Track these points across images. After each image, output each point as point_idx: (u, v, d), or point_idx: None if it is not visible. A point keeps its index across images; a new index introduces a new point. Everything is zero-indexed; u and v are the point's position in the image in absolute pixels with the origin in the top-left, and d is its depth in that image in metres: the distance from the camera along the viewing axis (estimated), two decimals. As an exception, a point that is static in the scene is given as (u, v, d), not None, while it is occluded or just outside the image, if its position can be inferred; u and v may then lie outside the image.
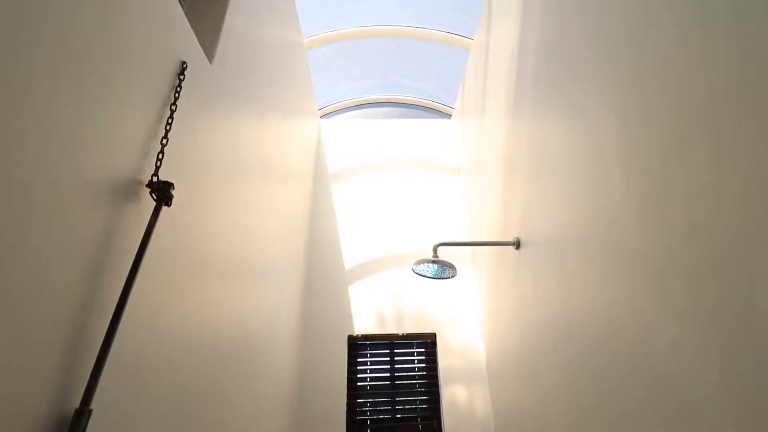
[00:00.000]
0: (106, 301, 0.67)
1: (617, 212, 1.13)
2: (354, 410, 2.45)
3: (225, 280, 1.24)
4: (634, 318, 1.05)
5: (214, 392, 1.13)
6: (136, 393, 0.76)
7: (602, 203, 1.21)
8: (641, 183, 1.03)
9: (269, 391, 1.75)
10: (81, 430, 0.56)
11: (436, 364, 2.60)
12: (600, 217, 1.22)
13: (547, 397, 1.64)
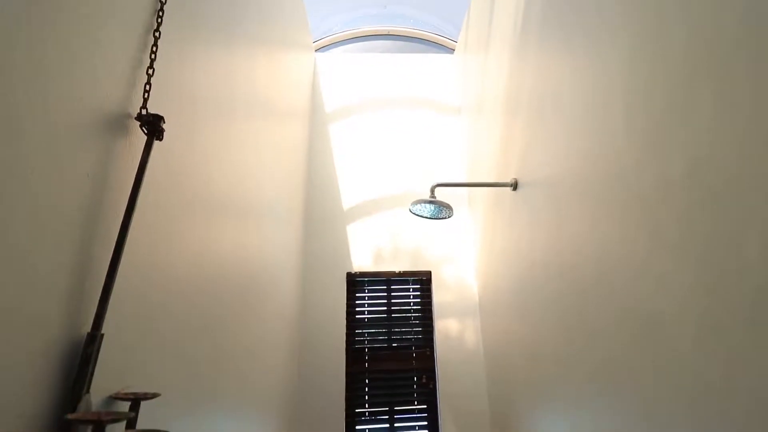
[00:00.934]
0: (107, 235, 0.68)
1: (617, 153, 1.12)
2: (353, 340, 2.62)
3: (224, 217, 1.25)
4: (626, 258, 1.08)
5: (220, 320, 1.20)
6: (145, 319, 0.80)
7: (603, 144, 1.19)
8: (644, 124, 1.01)
9: (272, 321, 1.86)
10: (94, 351, 0.60)
11: (430, 299, 2.73)
12: (599, 158, 1.21)
13: (535, 333, 1.75)
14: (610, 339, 1.15)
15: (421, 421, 2.52)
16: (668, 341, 0.92)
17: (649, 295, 0.99)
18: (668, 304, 0.92)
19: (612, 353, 1.15)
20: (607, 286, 1.17)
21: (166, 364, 0.88)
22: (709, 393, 0.81)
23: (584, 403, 1.33)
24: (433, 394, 2.56)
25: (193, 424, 1.02)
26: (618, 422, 1.15)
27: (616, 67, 1.12)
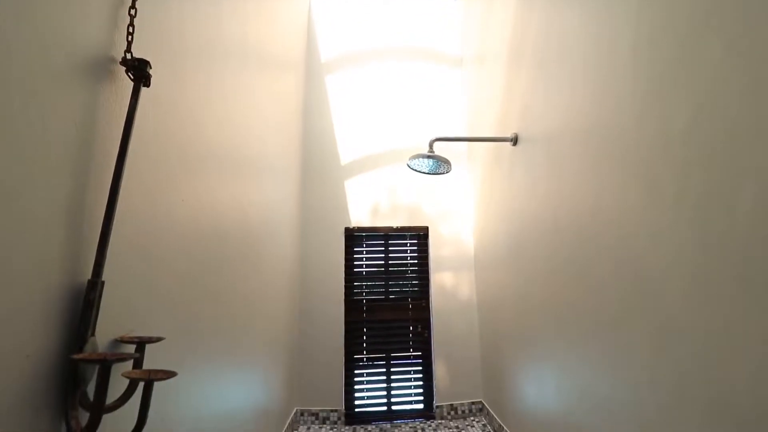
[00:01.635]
0: (100, 184, 0.67)
1: (620, 106, 1.09)
2: (351, 292, 2.70)
3: (220, 170, 1.24)
4: (621, 214, 1.09)
5: (220, 272, 1.22)
6: (146, 269, 0.81)
7: (606, 97, 1.15)
8: (649, 74, 0.98)
9: (272, 273, 1.90)
10: (96, 297, 0.62)
11: (427, 254, 2.78)
12: (601, 113, 1.18)
13: (527, 286, 1.80)
14: (601, 293, 1.19)
15: (416, 367, 2.66)
16: (659, 296, 0.95)
17: (642, 250, 1.01)
18: (661, 259, 0.94)
19: (602, 306, 1.19)
20: (601, 242, 1.19)
21: (168, 313, 0.91)
22: (697, 349, 0.85)
23: (570, 354, 1.40)
24: (427, 342, 2.69)
25: (197, 369, 1.07)
26: (601, 373, 1.21)
27: (623, 16, 1.07)
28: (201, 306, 1.08)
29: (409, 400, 2.62)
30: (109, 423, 0.66)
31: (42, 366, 0.55)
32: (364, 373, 2.63)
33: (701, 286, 0.82)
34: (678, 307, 0.88)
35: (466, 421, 2.52)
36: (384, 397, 2.61)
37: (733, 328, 0.74)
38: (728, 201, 0.76)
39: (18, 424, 0.51)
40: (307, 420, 2.53)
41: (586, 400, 1.30)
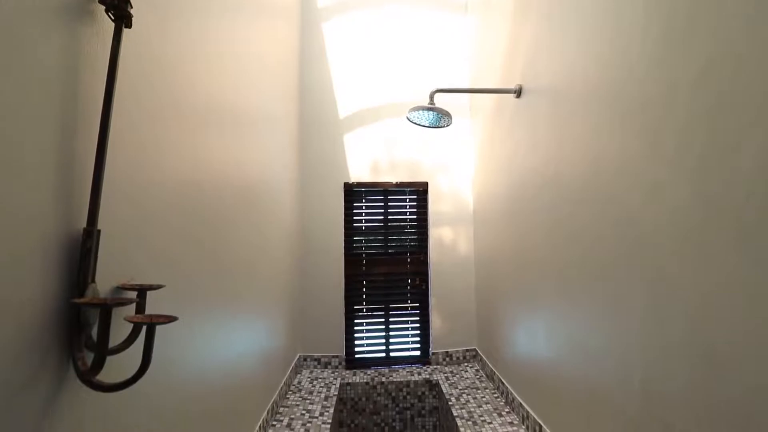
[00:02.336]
0: (88, 132, 0.66)
1: (629, 60, 1.04)
2: (351, 246, 2.74)
3: (213, 122, 1.20)
4: (622, 168, 1.08)
5: (217, 227, 1.23)
6: (142, 220, 0.82)
7: (616, 49, 1.10)
8: (659, 32, 0.92)
9: (272, 228, 1.92)
10: (93, 246, 0.62)
11: (426, 209, 2.79)
12: (610, 64, 1.13)
13: (524, 241, 1.82)
14: (597, 248, 1.20)
15: (413, 317, 2.77)
16: (654, 251, 0.96)
17: (639, 205, 1.00)
18: (657, 214, 0.94)
19: (597, 261, 1.21)
20: (601, 197, 1.18)
21: (166, 265, 0.92)
22: (689, 304, 0.87)
23: (561, 305, 1.44)
24: (425, 294, 2.77)
25: (200, 317, 1.11)
26: (590, 323, 1.26)
27: (644, -52, 0.98)
28: (199, 259, 1.10)
29: (406, 348, 2.76)
30: (115, 364, 0.69)
31: (45, 310, 0.56)
32: (364, 323, 2.74)
33: (696, 242, 0.82)
34: (672, 263, 0.89)
35: (460, 367, 2.66)
36: (383, 345, 2.74)
37: (726, 285, 0.76)
38: (730, 158, 0.74)
39: (27, 363, 0.53)
40: (309, 365, 2.67)
41: (574, 348, 1.36)
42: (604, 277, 1.16)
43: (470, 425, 1.88)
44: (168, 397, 0.93)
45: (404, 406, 2.49)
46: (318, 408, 2.10)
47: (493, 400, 2.14)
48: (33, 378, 0.54)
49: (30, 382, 0.54)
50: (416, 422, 2.49)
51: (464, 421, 1.93)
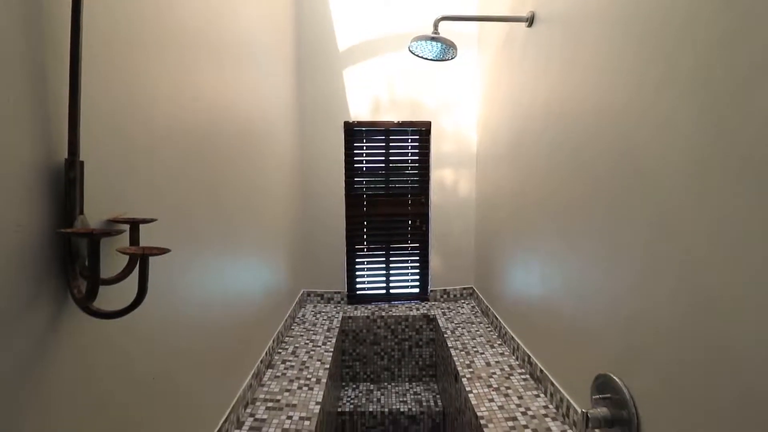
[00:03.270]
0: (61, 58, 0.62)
1: (655, -32, 0.93)
2: (352, 187, 2.73)
3: (204, 56, 1.13)
4: (631, 104, 1.02)
5: (213, 164, 1.21)
6: (131, 153, 0.80)
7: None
8: None
9: (272, 165, 1.90)
10: (77, 176, 0.61)
11: (428, 150, 2.73)
12: (632, -21, 1.02)
13: (526, 181, 1.79)
14: (599, 186, 1.18)
15: (413, 257, 2.83)
16: (658, 189, 0.94)
17: (646, 141, 0.96)
18: (668, 151, 0.90)
19: (598, 200, 1.19)
20: (607, 133, 1.13)
21: (159, 200, 0.91)
22: (691, 245, 0.86)
23: (559, 245, 1.45)
24: (425, 235, 2.81)
25: (199, 253, 1.13)
26: (587, 263, 1.27)
27: None
28: (195, 196, 1.09)
29: (405, 285, 2.86)
30: (113, 295, 0.72)
31: (36, 240, 0.57)
32: (365, 262, 2.82)
33: (703, 180, 0.80)
34: (675, 202, 0.87)
35: (456, 303, 2.78)
36: (383, 283, 2.83)
37: (728, 227, 0.74)
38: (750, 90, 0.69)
39: (23, 291, 0.55)
40: (313, 300, 2.79)
41: (568, 287, 1.39)
42: (604, 217, 1.15)
43: (463, 355, 2.00)
44: (172, 326, 0.97)
45: (402, 338, 2.64)
46: (321, 338, 2.23)
47: (487, 333, 2.25)
48: (32, 302, 0.56)
49: (29, 307, 0.56)
50: (413, 352, 2.65)
51: (458, 351, 2.05)
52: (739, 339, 0.71)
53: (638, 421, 1.00)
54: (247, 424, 1.44)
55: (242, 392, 1.47)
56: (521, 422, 1.43)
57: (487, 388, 1.67)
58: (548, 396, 1.55)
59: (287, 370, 1.85)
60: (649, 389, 0.97)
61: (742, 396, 0.71)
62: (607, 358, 1.15)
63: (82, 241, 0.61)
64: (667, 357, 0.90)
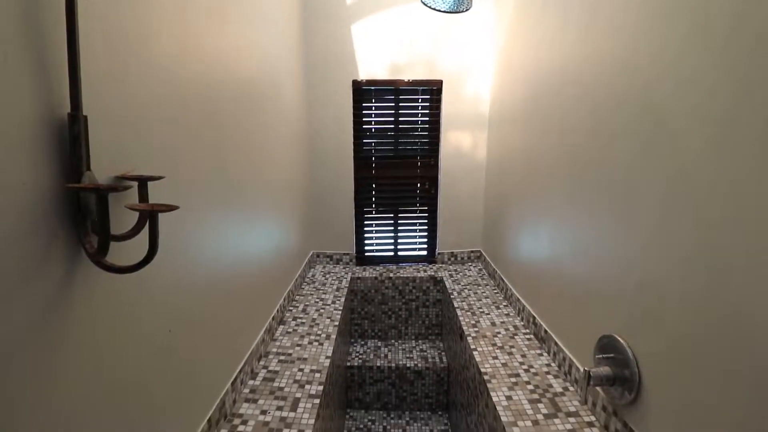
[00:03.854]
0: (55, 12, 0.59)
1: None
2: (360, 149, 2.69)
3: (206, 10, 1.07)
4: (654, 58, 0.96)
5: (218, 123, 1.19)
6: (135, 110, 0.78)
7: None
8: None
9: (278, 124, 1.86)
10: (81, 132, 0.60)
11: (439, 111, 2.64)
12: None
13: (539, 144, 1.73)
14: (615, 146, 1.14)
15: (422, 220, 2.83)
16: (678, 146, 0.90)
17: (667, 96, 0.91)
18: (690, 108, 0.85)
19: (614, 161, 1.15)
20: (625, 93, 1.08)
21: (167, 156, 0.91)
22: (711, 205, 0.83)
23: (569, 209, 1.43)
24: (433, 198, 2.79)
25: (207, 211, 1.14)
26: (600, 226, 1.25)
27: None
28: (201, 155, 1.08)
29: (413, 248, 2.88)
30: (125, 251, 0.73)
31: (45, 196, 0.57)
32: (373, 224, 2.83)
33: (726, 137, 0.76)
34: (696, 158, 0.84)
35: (464, 266, 2.81)
36: (391, 245, 2.86)
37: (745, 189, 0.71)
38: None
39: (36, 246, 0.56)
40: (322, 261, 2.84)
41: (577, 250, 1.39)
42: (620, 178, 1.12)
43: (469, 315, 2.04)
44: (186, 282, 1.00)
45: (410, 299, 2.70)
46: (330, 297, 2.29)
47: (492, 295, 2.28)
48: (46, 257, 0.57)
49: (44, 261, 0.57)
50: (420, 312, 2.72)
51: (464, 311, 2.09)
52: (754, 307, 0.70)
53: (640, 380, 1.03)
54: (260, 375, 1.52)
55: (255, 346, 1.54)
56: (523, 378, 1.48)
57: (492, 347, 1.72)
58: (551, 355, 1.59)
59: (298, 327, 1.92)
60: (654, 351, 0.98)
61: (752, 367, 0.71)
62: (613, 320, 1.16)
63: (91, 197, 0.61)
64: (677, 321, 0.90)
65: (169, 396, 0.93)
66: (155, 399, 0.88)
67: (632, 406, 1.06)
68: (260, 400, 1.38)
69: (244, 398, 1.38)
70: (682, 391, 0.88)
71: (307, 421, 1.28)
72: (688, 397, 0.87)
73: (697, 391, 0.84)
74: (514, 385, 1.44)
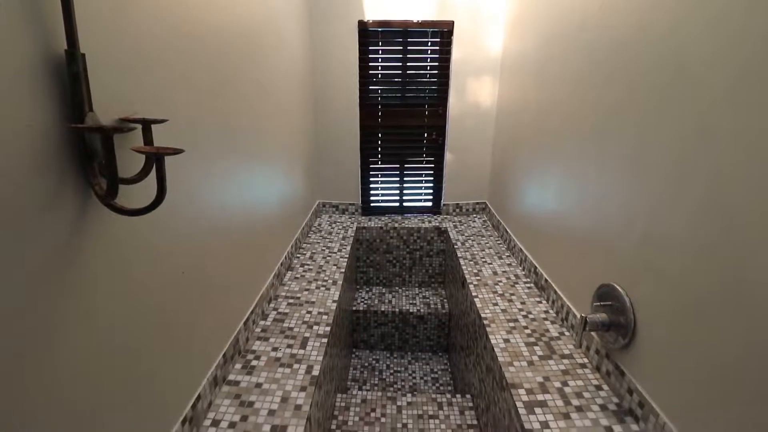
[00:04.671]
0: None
1: None
2: (366, 96, 2.60)
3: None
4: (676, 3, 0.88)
5: (219, 64, 1.14)
6: (131, 47, 0.75)
7: None
8: None
9: (281, 69, 1.80)
10: (80, 71, 0.58)
11: (449, 55, 2.51)
12: None
13: (553, 91, 1.66)
14: (636, 91, 1.09)
15: (428, 171, 2.81)
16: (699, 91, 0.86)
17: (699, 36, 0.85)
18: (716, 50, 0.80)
19: (632, 107, 1.11)
20: (652, 32, 1.01)
21: (170, 100, 0.89)
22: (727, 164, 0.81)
23: (582, 162, 1.40)
24: (440, 148, 2.74)
25: (212, 159, 1.13)
26: (612, 177, 1.23)
27: None
28: (202, 100, 1.05)
29: (419, 199, 2.88)
30: (135, 195, 0.74)
31: (50, 137, 0.57)
32: (379, 175, 2.81)
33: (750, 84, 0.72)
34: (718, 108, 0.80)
35: (468, 217, 2.82)
36: (397, 196, 2.86)
37: None
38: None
39: (45, 187, 0.56)
40: (328, 210, 2.87)
41: (584, 202, 1.38)
42: (635, 130, 1.08)
43: (472, 264, 2.09)
44: (196, 227, 1.02)
45: (414, 248, 2.75)
46: (337, 245, 2.34)
47: (496, 246, 2.32)
48: (56, 197, 0.58)
49: (55, 201, 0.58)
50: (424, 261, 2.79)
51: (467, 261, 2.14)
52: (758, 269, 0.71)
53: (635, 326, 1.07)
54: (271, 317, 1.59)
55: (265, 290, 1.60)
56: (522, 323, 1.55)
57: (492, 294, 1.77)
58: (550, 303, 1.64)
59: (306, 273, 1.98)
60: (652, 300, 1.01)
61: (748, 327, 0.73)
62: (613, 270, 1.18)
63: (96, 139, 0.60)
64: (678, 272, 0.92)
65: (184, 335, 0.99)
66: (172, 338, 0.93)
67: (625, 350, 1.11)
68: (271, 338, 1.46)
69: (256, 336, 1.46)
70: (676, 337, 0.92)
71: (316, 358, 1.36)
72: (680, 343, 0.90)
73: (691, 337, 0.87)
74: (512, 330, 1.51)
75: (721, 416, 0.79)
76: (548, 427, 1.07)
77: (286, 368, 1.31)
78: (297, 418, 1.11)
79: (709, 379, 0.82)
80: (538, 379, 1.25)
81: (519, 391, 1.20)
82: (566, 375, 1.26)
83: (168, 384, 0.92)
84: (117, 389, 0.74)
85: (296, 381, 1.25)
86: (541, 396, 1.18)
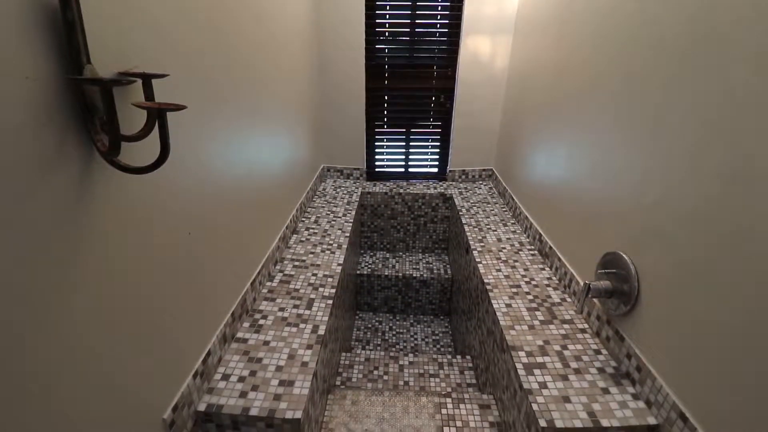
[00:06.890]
0: None
1: None
2: (373, 56, 2.51)
3: None
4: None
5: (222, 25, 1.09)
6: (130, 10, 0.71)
7: None
8: None
9: (285, 29, 1.72)
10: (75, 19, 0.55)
11: (461, 12, 2.39)
12: None
13: (572, 54, 1.58)
14: (660, 54, 1.03)
15: (434, 136, 2.75)
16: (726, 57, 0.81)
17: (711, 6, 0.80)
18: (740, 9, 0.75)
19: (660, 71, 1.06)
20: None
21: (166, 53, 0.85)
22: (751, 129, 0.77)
23: (596, 128, 1.35)
24: (448, 113, 2.67)
25: (216, 115, 1.11)
26: (628, 148, 1.19)
27: None
28: (204, 59, 1.01)
29: (424, 164, 2.85)
30: (139, 154, 0.73)
31: (50, 89, 0.55)
32: (384, 138, 2.76)
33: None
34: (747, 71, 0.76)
35: (474, 184, 2.79)
36: (402, 161, 2.82)
37: None
38: None
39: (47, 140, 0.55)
40: (333, 175, 2.85)
41: (595, 169, 1.35)
42: (655, 96, 1.04)
43: (476, 231, 2.09)
44: (202, 187, 1.01)
45: (418, 214, 2.75)
46: (341, 210, 2.34)
47: (501, 213, 2.31)
48: (59, 151, 0.57)
49: (58, 155, 0.57)
50: (428, 227, 2.79)
51: (471, 227, 2.13)
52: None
53: (638, 293, 1.07)
54: (277, 278, 1.62)
55: (271, 252, 1.62)
56: (524, 289, 1.56)
57: (496, 260, 1.79)
58: (553, 270, 1.65)
59: (311, 236, 1.99)
60: (658, 269, 1.00)
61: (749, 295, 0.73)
62: (620, 238, 1.18)
63: (96, 93, 0.58)
64: (687, 240, 0.91)
65: (194, 293, 1.01)
66: (181, 294, 0.95)
67: (626, 316, 1.13)
68: (278, 299, 1.49)
69: (263, 297, 1.49)
70: (678, 304, 0.92)
71: (321, 318, 1.40)
72: (683, 310, 0.91)
73: (693, 305, 0.88)
74: (515, 295, 1.53)
75: (717, 382, 0.80)
76: (546, 387, 1.11)
77: (292, 327, 1.34)
78: (304, 374, 1.15)
79: (707, 346, 0.83)
80: (538, 343, 1.28)
81: (519, 353, 1.23)
82: (566, 339, 1.29)
83: (180, 339, 0.95)
84: (132, 341, 0.77)
85: (302, 339, 1.29)
86: (541, 358, 1.21)
